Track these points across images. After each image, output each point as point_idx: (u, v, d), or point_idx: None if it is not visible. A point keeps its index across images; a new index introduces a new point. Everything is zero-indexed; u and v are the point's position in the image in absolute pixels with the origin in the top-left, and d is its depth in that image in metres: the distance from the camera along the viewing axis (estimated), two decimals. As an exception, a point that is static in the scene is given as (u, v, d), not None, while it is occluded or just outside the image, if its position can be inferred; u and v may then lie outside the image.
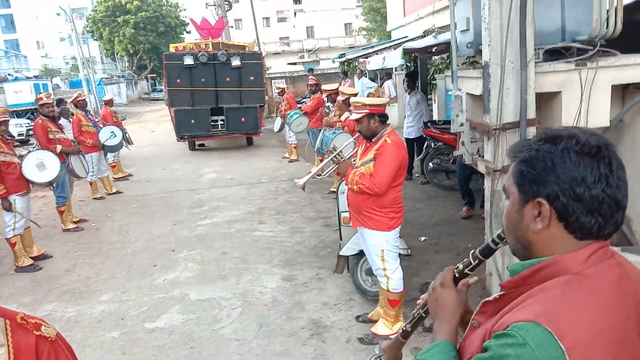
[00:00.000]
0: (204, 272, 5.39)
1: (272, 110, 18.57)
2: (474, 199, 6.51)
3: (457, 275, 1.25)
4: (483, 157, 3.81)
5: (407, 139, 8.46)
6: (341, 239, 4.67)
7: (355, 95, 6.31)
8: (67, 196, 7.10)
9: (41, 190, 8.41)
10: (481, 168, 3.86)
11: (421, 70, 10.26)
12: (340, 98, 6.38)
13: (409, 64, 10.01)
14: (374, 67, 9.33)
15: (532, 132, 3.26)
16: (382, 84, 14.13)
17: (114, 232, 7.00)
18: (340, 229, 4.67)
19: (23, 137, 17.82)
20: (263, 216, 7.27)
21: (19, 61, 48.10)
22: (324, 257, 5.56)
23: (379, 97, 11.42)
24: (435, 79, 10.80)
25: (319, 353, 3.73)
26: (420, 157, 8.45)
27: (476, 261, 1.22)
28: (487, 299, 1.13)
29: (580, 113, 3.22)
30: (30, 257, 5.88)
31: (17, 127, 18.75)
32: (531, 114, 3.27)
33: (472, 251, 1.23)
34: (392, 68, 12.15)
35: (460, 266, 1.24)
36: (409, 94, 8.58)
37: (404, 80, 9.60)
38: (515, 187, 1.05)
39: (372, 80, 15.05)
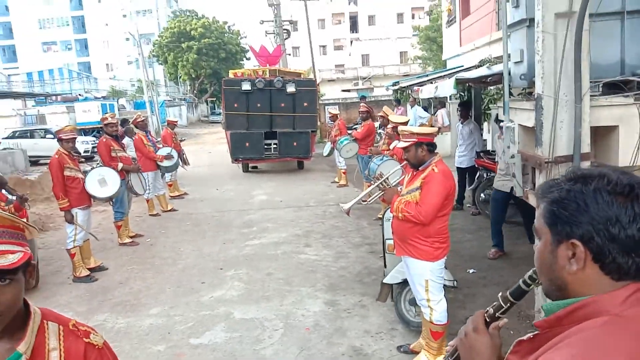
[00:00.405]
0: (249, 292, 5.48)
1: (325, 136, 18.80)
2: (502, 240, 6.22)
3: (487, 320, 1.21)
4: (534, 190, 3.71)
5: (458, 169, 8.35)
6: (385, 267, 4.64)
7: (405, 123, 6.32)
8: (124, 212, 7.44)
9: (101, 205, 8.85)
10: (532, 201, 3.76)
11: (475, 99, 10.14)
12: (389, 126, 6.41)
13: (462, 93, 9.94)
14: (427, 96, 9.32)
15: (586, 166, 3.17)
16: (435, 113, 14.05)
17: (167, 248, 7.25)
18: (384, 256, 4.65)
19: (88, 154, 18.87)
20: (309, 239, 7.33)
21: (89, 82, 51.25)
22: (367, 284, 5.53)
23: (431, 126, 11.39)
24: (490, 109, 10.64)
25: None
26: (471, 187, 8.30)
27: (507, 304, 1.19)
28: (521, 338, 1.11)
29: (638, 148, 3.11)
30: (88, 269, 6.17)
31: (84, 144, 19.84)
32: (585, 147, 3.18)
33: (500, 293, 1.21)
34: (445, 97, 12.09)
35: (491, 310, 1.21)
36: (461, 123, 8.50)
37: (457, 109, 9.52)
38: (547, 227, 1.03)
39: (425, 109, 15.00)
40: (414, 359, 3.87)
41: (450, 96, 12.32)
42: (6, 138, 19.92)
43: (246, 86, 12.49)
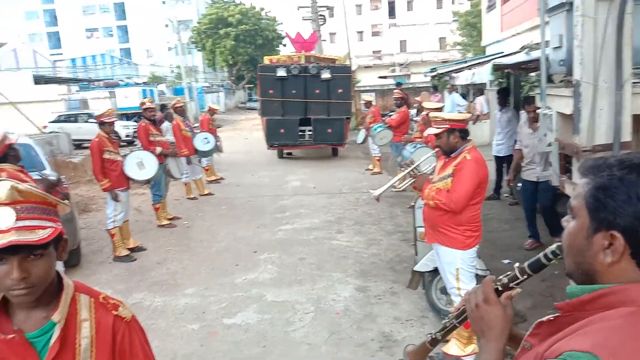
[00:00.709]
0: (281, 275, 5.58)
1: (360, 123, 18.74)
2: (538, 231, 6.07)
3: (500, 289, 1.18)
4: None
5: (496, 157, 8.20)
6: (416, 255, 4.64)
7: (440, 110, 6.24)
8: (162, 195, 7.65)
9: (141, 188, 9.11)
10: (569, 191, 3.67)
11: (515, 86, 9.88)
12: (423, 113, 6.34)
13: (501, 80, 9.70)
14: (463, 82, 9.14)
15: (626, 155, 3.07)
16: (473, 100, 13.77)
17: (203, 231, 7.43)
18: (416, 244, 4.65)
19: (129, 139, 19.41)
20: (342, 226, 7.37)
21: (130, 68, 52.44)
22: (399, 271, 5.53)
23: (469, 114, 11.19)
24: (529, 96, 10.34)
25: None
26: (509, 177, 8.13)
27: (524, 276, 1.16)
28: (541, 320, 1.09)
29: (683, 138, 2.99)
30: (127, 249, 6.40)
31: (125, 129, 20.41)
32: (626, 136, 3.08)
33: (517, 264, 1.17)
34: (484, 84, 11.83)
35: (505, 280, 1.18)
36: (500, 110, 8.31)
37: (496, 96, 9.31)
38: (587, 211, 0.98)
39: (464, 96, 14.70)
40: (443, 347, 3.87)
41: (489, 82, 12.05)
42: (52, 122, 20.67)
43: (281, 72, 12.55)
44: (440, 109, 6.31)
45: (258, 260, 6.06)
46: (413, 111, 10.34)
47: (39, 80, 26.47)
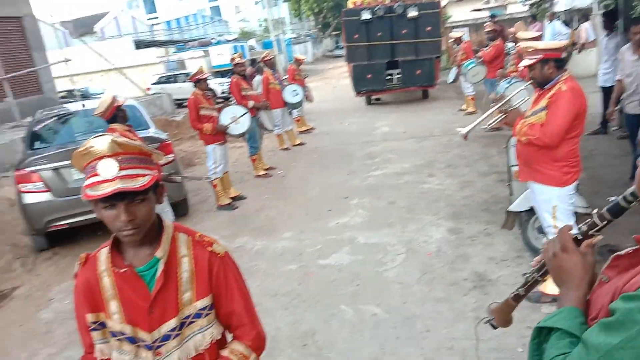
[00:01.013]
0: (372, 219, 5.69)
1: (452, 62, 17.90)
2: None
3: (579, 238, 1.14)
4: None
5: (602, 88, 7.52)
6: (511, 194, 4.50)
7: (537, 39, 5.79)
8: (257, 147, 7.99)
9: (238, 141, 9.55)
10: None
11: (625, 7, 8.83)
12: (518, 45, 5.92)
13: (609, 1, 8.69)
14: (564, 8, 8.31)
15: None
16: (577, 27, 12.54)
17: (296, 179, 7.71)
18: (510, 183, 4.50)
19: (225, 95, 20.19)
20: (433, 169, 7.27)
21: (221, 26, 53.75)
22: (494, 212, 5.40)
23: (573, 43, 10.25)
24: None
25: (480, 304, 3.73)
26: (617, 108, 7.44)
27: (603, 222, 1.10)
28: (618, 252, 1.06)
29: None
30: (229, 198, 6.83)
31: (220, 85, 21.21)
32: None
33: (595, 210, 1.12)
34: (589, 8, 10.68)
35: (584, 227, 1.13)
36: (606, 36, 7.53)
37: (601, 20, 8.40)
38: None
39: (566, 23, 13.42)
40: (540, 287, 3.79)
41: (597, 4, 10.87)
42: (154, 84, 22.02)
43: (366, 15, 12.23)
44: (538, 39, 5.85)
45: (349, 205, 6.21)
46: (511, 45, 9.67)
47: (139, 45, 28.12)
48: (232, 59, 8.02)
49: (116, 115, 4.49)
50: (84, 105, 6.71)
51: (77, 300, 1.57)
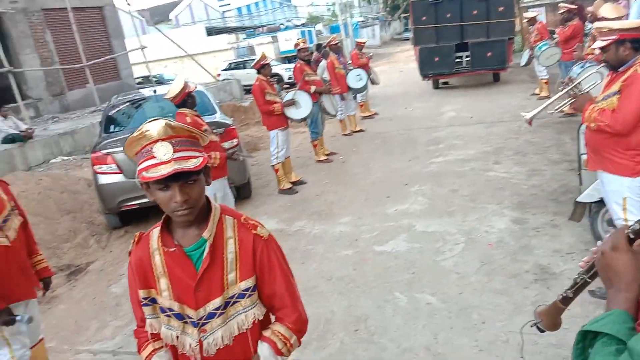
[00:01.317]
0: (432, 207, 5.58)
1: (526, 43, 17.00)
2: None
3: (631, 237, 1.04)
4: None
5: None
6: (581, 184, 4.26)
7: (620, 18, 5.37)
8: (319, 132, 8.04)
9: (301, 126, 9.66)
10: None
11: None
12: (596, 24, 5.51)
13: None
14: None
15: None
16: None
17: (357, 165, 7.70)
18: (580, 172, 4.25)
19: (292, 80, 20.38)
20: (500, 156, 7.00)
21: (290, 11, 54.11)
22: (562, 202, 5.13)
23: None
24: None
25: (541, 298, 3.58)
26: None
27: None
28: None
29: None
30: (290, 182, 6.95)
31: (287, 71, 21.44)
32: None
33: None
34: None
35: (637, 226, 1.04)
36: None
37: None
38: None
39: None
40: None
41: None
42: (224, 70, 22.64)
43: (435, -4, 11.87)
44: (622, 18, 5.42)
45: (409, 192, 6.12)
46: (590, 25, 9.03)
47: (210, 31, 28.92)
48: (296, 44, 8.07)
49: (185, 100, 4.67)
50: (155, 91, 7.03)
51: (130, 276, 1.67)
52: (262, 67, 6.61)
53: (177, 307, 1.60)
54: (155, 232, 1.62)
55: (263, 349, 1.62)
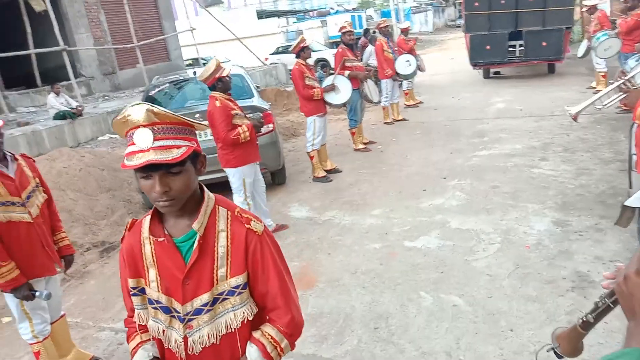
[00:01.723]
0: (469, 203, 5.35)
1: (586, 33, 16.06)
2: None
3: None
4: None
5: None
6: (630, 187, 3.96)
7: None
8: (358, 120, 7.86)
9: (342, 113, 9.51)
10: None
11: None
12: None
13: None
14: None
15: None
16: None
17: (395, 155, 7.49)
18: (629, 174, 3.93)
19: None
20: (547, 152, 6.63)
21: (342, -5, 53.40)
22: (610, 206, 4.79)
23: None
24: None
25: (576, 308, 3.35)
26: None
27: None
28: None
29: None
30: (325, 170, 6.84)
31: (333, 56, 21.19)
32: None
33: None
34: None
35: None
36: None
37: None
38: None
39: None
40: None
41: None
42: (272, 54, 22.65)
43: (489, -19, 11.35)
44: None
45: (447, 186, 5.89)
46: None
47: (261, 14, 28.97)
48: (342, 27, 7.82)
49: (215, 84, 4.62)
50: (195, 73, 7.05)
51: (121, 264, 1.61)
52: (302, 51, 6.48)
53: (165, 300, 1.53)
54: (147, 219, 1.55)
55: (251, 351, 1.53)
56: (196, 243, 1.48)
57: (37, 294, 2.79)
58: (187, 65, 18.33)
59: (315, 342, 3.37)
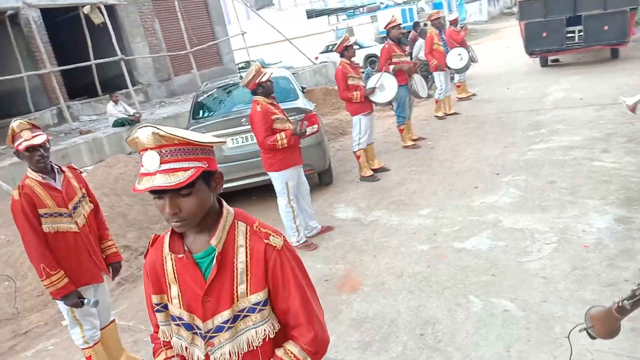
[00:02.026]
0: (524, 200, 5.10)
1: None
2: None
3: None
4: None
5: None
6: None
7: None
8: (406, 116, 7.68)
9: (390, 111, 9.34)
10: None
11: None
12: None
13: None
14: None
15: None
16: None
17: (446, 151, 7.27)
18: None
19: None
20: (610, 143, 6.21)
21: (392, -11, 52.65)
22: (680, 201, 4.42)
23: None
24: None
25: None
26: None
27: None
28: None
29: None
30: (372, 169, 6.74)
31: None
32: None
33: None
34: None
35: None
36: None
37: None
38: None
39: None
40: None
41: None
42: (321, 52, 22.68)
43: (544, -35, 10.80)
44: None
45: (500, 183, 5.65)
46: None
47: (310, 14, 29.05)
48: (388, 23, 7.62)
49: (256, 89, 4.65)
50: (241, 78, 7.13)
51: (145, 280, 1.62)
52: (345, 50, 6.40)
53: (187, 317, 1.52)
54: (167, 235, 1.54)
55: None
56: (215, 259, 1.46)
57: (85, 301, 2.90)
58: (239, 69, 18.66)
59: (359, 348, 3.31)
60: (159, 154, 1.32)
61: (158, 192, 1.35)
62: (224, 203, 1.53)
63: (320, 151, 6.20)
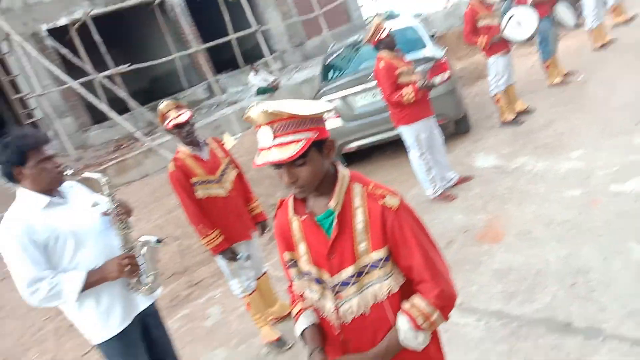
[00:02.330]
0: (699, 133, 4.39)
1: None
2: None
3: None
4: None
5: None
6: None
7: None
8: (552, 51, 6.97)
9: (531, 46, 8.53)
10: None
11: None
12: None
13: None
14: None
15: None
16: None
17: (600, 86, 6.47)
18: None
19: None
20: None
21: None
22: None
23: None
24: None
25: None
26: None
27: None
28: None
29: None
30: (514, 112, 6.28)
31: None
32: None
33: None
34: None
35: None
36: None
37: None
38: None
39: None
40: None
41: None
42: None
43: None
44: None
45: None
46: None
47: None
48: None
49: (379, 45, 4.61)
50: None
51: (277, 239, 1.77)
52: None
53: (315, 272, 1.63)
54: (291, 199, 1.66)
55: (402, 322, 1.55)
56: (335, 221, 1.54)
57: (238, 256, 3.25)
58: (367, 24, 18.44)
59: (502, 299, 3.23)
60: (272, 129, 1.42)
61: (275, 165, 1.45)
62: (339, 167, 1.59)
63: (453, 99, 5.95)
